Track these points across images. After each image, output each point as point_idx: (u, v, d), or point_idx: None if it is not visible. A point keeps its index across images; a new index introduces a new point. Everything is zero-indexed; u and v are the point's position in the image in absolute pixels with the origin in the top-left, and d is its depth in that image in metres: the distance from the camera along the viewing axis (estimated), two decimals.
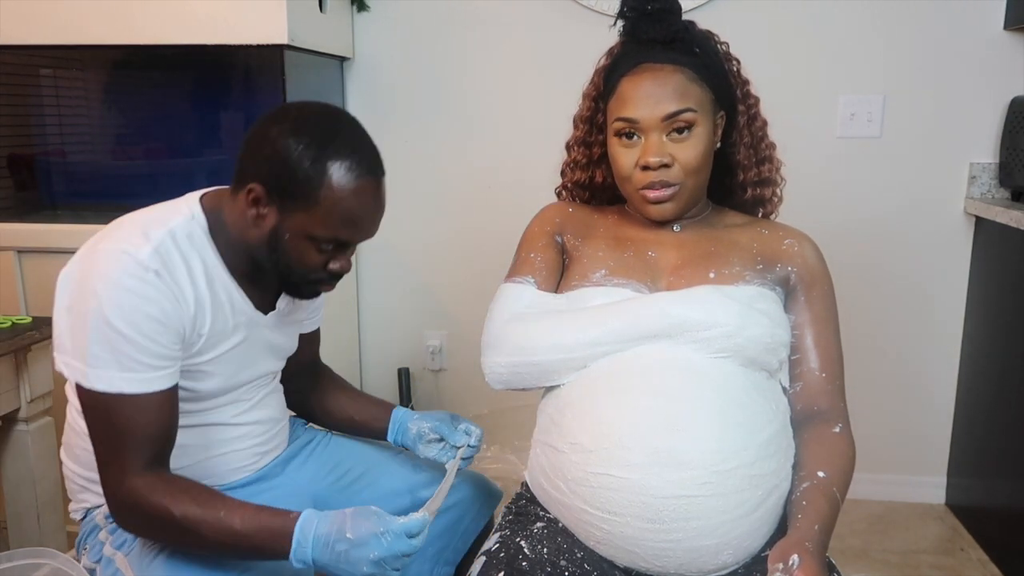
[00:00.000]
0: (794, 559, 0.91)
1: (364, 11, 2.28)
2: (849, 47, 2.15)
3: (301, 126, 1.04)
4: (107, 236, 1.06)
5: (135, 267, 1.00)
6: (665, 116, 1.11)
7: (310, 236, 1.06)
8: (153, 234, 1.04)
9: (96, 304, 0.99)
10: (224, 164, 2.15)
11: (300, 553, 0.99)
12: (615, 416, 1.03)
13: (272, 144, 1.03)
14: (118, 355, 1.00)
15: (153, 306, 1.01)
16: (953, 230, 2.21)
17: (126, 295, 0.99)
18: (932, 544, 2.13)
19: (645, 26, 1.14)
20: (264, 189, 1.04)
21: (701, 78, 1.14)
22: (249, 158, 1.07)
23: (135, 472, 1.02)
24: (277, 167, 1.03)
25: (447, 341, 2.45)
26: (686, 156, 1.12)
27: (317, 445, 1.37)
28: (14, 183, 2.16)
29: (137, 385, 1.01)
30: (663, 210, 1.15)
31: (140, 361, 1.01)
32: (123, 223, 1.08)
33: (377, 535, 0.98)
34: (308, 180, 1.02)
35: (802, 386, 1.14)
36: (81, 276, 1.02)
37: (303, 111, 1.07)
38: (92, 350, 1.00)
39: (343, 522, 0.99)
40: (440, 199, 2.37)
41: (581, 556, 1.03)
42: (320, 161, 1.02)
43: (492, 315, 1.18)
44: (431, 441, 1.29)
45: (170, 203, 1.13)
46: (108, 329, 0.99)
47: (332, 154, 1.03)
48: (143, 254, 1.01)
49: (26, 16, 1.87)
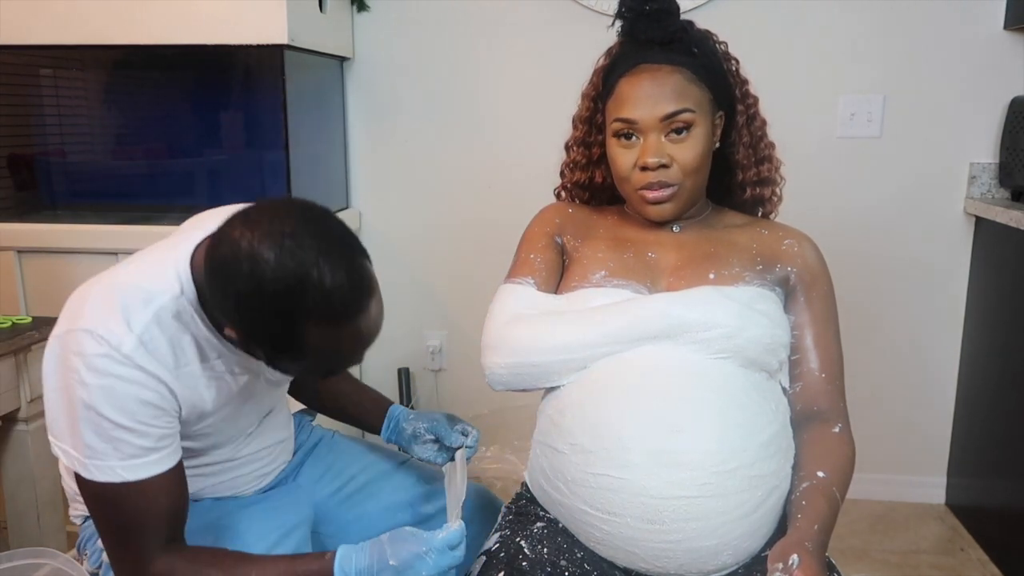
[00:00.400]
0: (794, 559, 0.91)
1: (364, 11, 2.28)
2: (849, 47, 2.15)
3: (260, 280, 0.87)
4: (86, 311, 0.96)
5: (120, 359, 0.93)
6: (663, 116, 1.11)
7: (304, 371, 1.04)
8: (136, 320, 0.95)
9: (86, 394, 0.93)
10: (224, 164, 2.16)
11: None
12: (615, 417, 1.03)
13: (234, 304, 0.91)
14: (116, 444, 0.94)
15: (146, 391, 0.95)
16: (953, 230, 2.21)
17: (117, 383, 0.93)
18: (932, 544, 2.13)
19: (643, 26, 1.14)
20: (241, 337, 0.95)
21: (699, 78, 1.14)
22: (214, 301, 0.96)
23: (152, 558, 0.97)
24: (248, 327, 0.93)
25: (447, 341, 2.45)
26: (684, 156, 1.12)
27: (322, 449, 1.36)
28: (14, 183, 2.16)
29: (141, 471, 0.96)
30: (662, 210, 1.15)
31: (140, 446, 0.96)
32: (102, 292, 0.98)
33: (420, 555, 0.97)
34: (287, 341, 0.92)
35: (802, 386, 1.14)
36: (65, 358, 0.95)
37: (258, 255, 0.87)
38: (88, 441, 0.94)
39: (382, 550, 0.98)
40: (440, 199, 2.37)
41: (581, 556, 1.03)
42: (294, 324, 0.90)
43: (492, 316, 1.18)
44: (426, 442, 1.27)
45: (156, 261, 1.02)
46: (101, 420, 0.93)
47: (306, 313, 0.89)
48: (127, 347, 0.93)
49: (26, 16, 1.87)
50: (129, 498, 0.96)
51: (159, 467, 0.98)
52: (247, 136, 2.15)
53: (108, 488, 0.96)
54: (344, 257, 0.91)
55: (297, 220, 0.91)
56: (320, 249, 0.89)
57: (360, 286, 0.92)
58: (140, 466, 0.96)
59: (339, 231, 0.94)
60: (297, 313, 0.89)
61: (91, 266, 1.92)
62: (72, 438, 0.96)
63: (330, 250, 0.90)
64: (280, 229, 0.89)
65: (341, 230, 0.95)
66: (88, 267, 1.93)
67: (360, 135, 2.36)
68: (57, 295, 1.92)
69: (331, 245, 0.91)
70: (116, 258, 1.91)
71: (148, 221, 2.00)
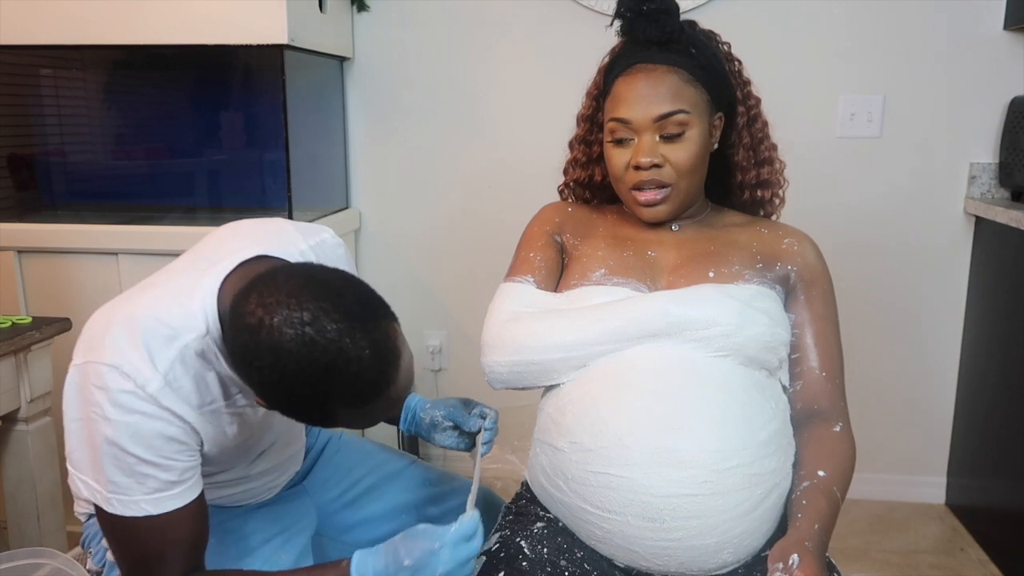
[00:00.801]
0: (794, 558, 0.91)
1: (364, 11, 2.28)
2: (849, 47, 2.15)
3: (284, 373, 0.85)
4: (107, 344, 0.93)
5: (145, 397, 0.91)
6: (657, 117, 1.11)
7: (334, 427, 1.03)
8: (160, 359, 0.92)
9: (110, 431, 0.91)
10: (224, 164, 2.16)
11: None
12: (615, 415, 1.03)
13: (259, 389, 0.90)
14: (140, 479, 0.93)
15: (171, 428, 0.94)
16: (953, 230, 2.21)
17: (141, 420, 0.92)
18: (932, 544, 2.13)
19: (641, 26, 1.14)
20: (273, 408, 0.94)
21: (697, 79, 1.13)
22: (244, 378, 0.93)
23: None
24: (276, 406, 0.92)
25: (447, 341, 2.45)
26: (678, 157, 1.12)
27: (329, 451, 1.35)
28: (14, 183, 2.16)
29: (164, 504, 0.95)
30: (655, 212, 1.16)
31: (164, 480, 0.95)
32: (124, 324, 0.94)
33: (434, 552, 0.95)
34: (317, 419, 0.93)
35: (802, 385, 1.14)
36: (85, 389, 0.93)
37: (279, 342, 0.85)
38: (111, 476, 0.93)
39: (396, 551, 0.96)
40: (440, 199, 2.37)
41: (581, 556, 1.03)
42: (323, 409, 0.90)
43: (491, 314, 1.18)
44: (445, 429, 1.26)
45: (181, 291, 0.97)
46: (125, 455, 0.92)
47: (335, 400, 0.88)
48: (153, 386, 0.91)
49: (26, 16, 1.87)
50: (151, 531, 0.95)
51: (182, 500, 0.97)
52: (247, 136, 2.15)
53: (130, 521, 0.95)
54: (368, 332, 0.87)
55: (315, 301, 0.86)
56: (342, 332, 0.85)
57: (386, 359, 0.89)
58: (164, 499, 0.95)
59: (360, 301, 0.90)
60: (326, 400, 0.88)
61: (91, 266, 1.93)
62: (94, 472, 0.94)
63: (353, 330, 0.86)
64: (299, 317, 0.85)
65: (362, 298, 0.90)
66: (88, 267, 1.94)
67: (360, 135, 2.36)
68: (57, 295, 1.94)
69: (353, 324, 0.86)
70: (116, 258, 1.92)
71: (148, 221, 2.00)
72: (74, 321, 1.62)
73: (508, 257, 1.27)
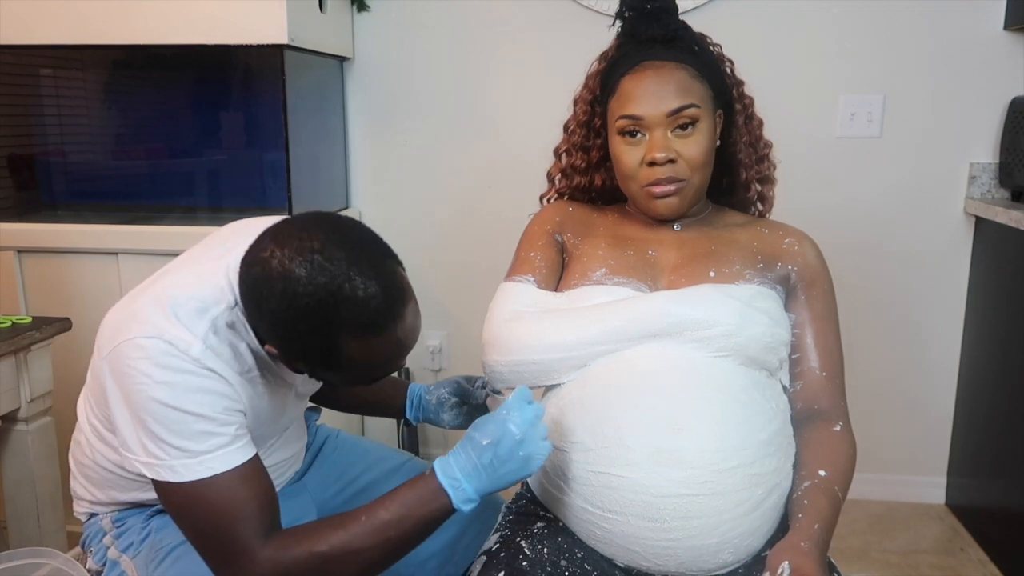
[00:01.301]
0: (784, 567, 0.91)
1: (364, 11, 2.28)
2: (849, 47, 2.15)
3: (295, 302, 0.89)
4: (138, 321, 0.96)
5: (190, 360, 0.94)
6: (669, 112, 1.11)
7: (348, 381, 1.03)
8: (196, 328, 0.95)
9: (161, 393, 0.93)
10: (224, 164, 2.16)
11: (460, 495, 0.96)
12: (615, 415, 1.03)
13: (270, 321, 0.93)
14: (198, 438, 0.94)
15: (219, 385, 0.96)
16: (953, 230, 2.21)
17: (191, 378, 0.94)
18: (932, 544, 2.13)
19: (644, 25, 1.15)
20: (281, 352, 0.97)
21: (702, 75, 1.14)
22: (250, 318, 0.98)
23: (259, 547, 0.95)
24: (287, 344, 0.95)
25: (447, 341, 2.45)
26: (690, 152, 1.12)
27: (327, 449, 1.36)
28: (14, 183, 2.16)
29: (229, 459, 0.96)
30: (668, 204, 1.15)
31: (225, 435, 0.96)
32: (152, 303, 0.98)
33: (503, 420, 0.95)
34: (325, 355, 0.94)
35: (802, 385, 1.14)
36: (125, 369, 0.94)
37: (291, 274, 0.89)
38: (170, 441, 0.94)
39: (471, 439, 0.97)
40: (440, 199, 2.37)
41: (581, 555, 1.03)
42: (330, 338, 0.91)
43: (492, 314, 1.18)
44: (453, 406, 1.26)
45: (204, 272, 1.02)
46: (180, 415, 0.93)
47: (341, 327, 0.90)
48: (195, 350, 0.94)
49: (26, 16, 1.87)
50: (222, 490, 0.95)
51: (243, 455, 0.97)
52: (247, 136, 2.15)
53: (200, 485, 0.95)
54: (375, 266, 0.91)
55: (326, 234, 0.91)
56: (350, 260, 0.90)
57: (393, 294, 0.92)
58: (227, 455, 0.96)
59: (369, 241, 0.95)
60: (333, 327, 0.90)
61: (91, 266, 1.93)
62: (153, 444, 0.94)
63: (360, 261, 0.90)
64: (309, 245, 0.90)
65: (371, 239, 0.95)
66: (88, 267, 1.94)
67: (360, 135, 2.36)
68: (57, 295, 1.94)
69: (361, 256, 0.91)
70: (116, 258, 1.92)
71: (148, 221, 2.00)
72: (74, 321, 1.62)
73: (508, 257, 1.27)
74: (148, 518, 1.16)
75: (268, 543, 0.95)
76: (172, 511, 0.99)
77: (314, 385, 1.22)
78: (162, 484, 0.96)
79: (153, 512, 1.16)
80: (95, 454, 1.12)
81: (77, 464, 1.18)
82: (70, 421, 1.22)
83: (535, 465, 0.97)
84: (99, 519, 1.18)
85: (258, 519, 0.96)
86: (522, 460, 0.96)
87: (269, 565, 0.94)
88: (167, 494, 0.97)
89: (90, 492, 1.17)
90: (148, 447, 0.95)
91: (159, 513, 1.16)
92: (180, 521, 1.00)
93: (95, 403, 1.08)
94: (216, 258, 1.03)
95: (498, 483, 0.97)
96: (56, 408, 1.62)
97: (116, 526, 1.16)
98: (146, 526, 1.15)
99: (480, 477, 0.96)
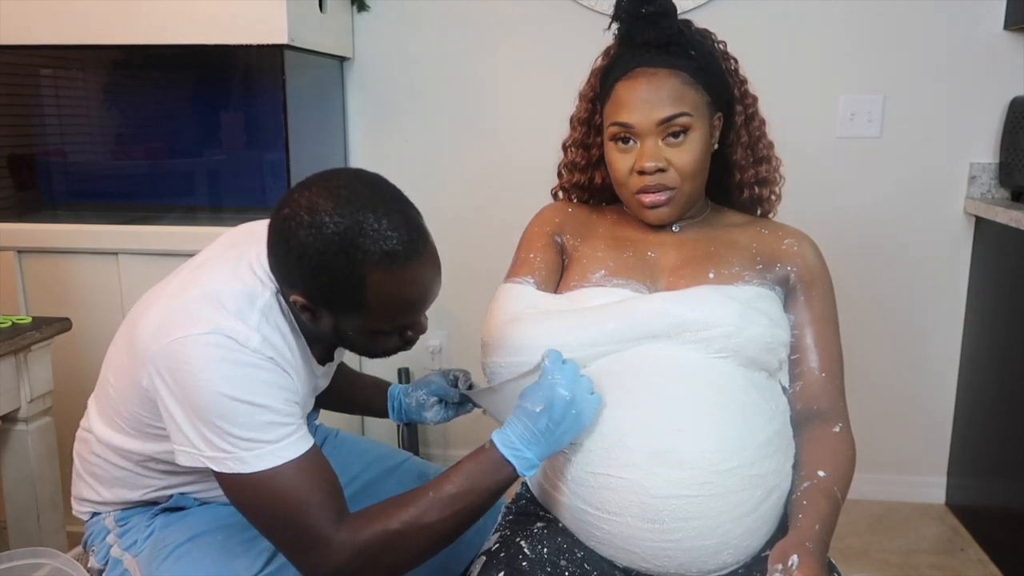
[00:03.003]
0: (793, 559, 0.91)
1: (364, 11, 2.28)
2: (849, 47, 2.15)
3: (321, 232, 0.93)
4: (190, 318, 0.97)
5: (250, 353, 0.96)
6: (660, 121, 1.11)
7: (373, 331, 1.03)
8: (250, 318, 0.98)
9: (227, 387, 0.94)
10: (224, 164, 2.16)
11: (523, 463, 0.99)
12: (615, 416, 1.03)
13: (298, 258, 0.95)
14: (265, 429, 0.95)
15: (280, 377, 0.98)
16: (953, 230, 2.21)
17: (253, 371, 0.95)
18: (932, 544, 2.13)
19: (640, 29, 1.13)
20: (308, 300, 0.98)
21: (697, 81, 1.13)
22: (281, 266, 0.99)
23: (333, 532, 0.96)
24: (313, 283, 0.96)
25: (447, 341, 2.45)
26: (681, 160, 1.12)
27: (327, 449, 1.36)
28: (14, 183, 2.16)
29: (296, 447, 0.98)
30: (659, 214, 1.15)
31: (288, 424, 0.98)
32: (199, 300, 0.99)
33: (551, 386, 0.98)
34: (350, 291, 0.96)
35: (802, 386, 1.14)
36: (182, 366, 0.95)
37: (316, 206, 0.94)
38: (237, 434, 0.95)
39: (523, 408, 0.99)
40: (440, 199, 2.36)
41: (581, 556, 1.03)
42: (355, 269, 0.94)
43: (492, 315, 1.18)
44: (433, 405, 1.29)
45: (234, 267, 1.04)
46: (248, 408, 0.95)
47: (365, 259, 0.93)
48: (254, 342, 0.96)
49: (26, 16, 1.87)
50: (290, 480, 0.96)
51: (307, 443, 0.99)
52: (247, 136, 2.15)
53: (270, 475, 0.96)
54: (398, 203, 0.98)
55: (350, 176, 0.98)
56: (375, 196, 0.96)
57: (415, 229, 0.97)
58: (294, 443, 0.97)
59: (391, 187, 1.01)
60: (357, 256, 0.93)
61: (91, 266, 1.93)
62: (219, 439, 0.95)
63: (384, 197, 0.97)
64: (335, 183, 0.96)
65: (393, 187, 1.01)
66: (88, 267, 1.94)
67: (360, 135, 2.36)
68: (57, 295, 1.94)
69: (384, 193, 0.98)
70: (116, 258, 1.92)
71: (148, 221, 2.00)
72: (74, 321, 1.62)
73: (508, 257, 1.27)
74: (152, 516, 1.16)
75: (341, 528, 0.97)
76: (242, 505, 1.00)
77: (327, 379, 1.23)
78: (230, 477, 0.97)
79: (158, 511, 1.16)
80: (106, 451, 1.12)
81: (82, 461, 1.18)
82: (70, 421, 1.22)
83: (587, 419, 1.01)
84: (102, 518, 1.18)
85: (328, 506, 0.98)
86: (575, 417, 0.99)
87: (345, 548, 0.96)
88: (236, 487, 0.98)
89: (95, 491, 1.17)
90: (214, 442, 0.96)
91: (164, 512, 1.16)
92: (251, 515, 1.01)
93: (124, 402, 1.07)
94: (240, 254, 1.05)
95: (557, 444, 1.00)
96: (56, 408, 1.62)
97: (119, 525, 1.16)
98: (150, 524, 1.15)
99: (539, 442, 0.99)
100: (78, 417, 1.20)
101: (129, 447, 1.10)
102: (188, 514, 1.15)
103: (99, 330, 1.86)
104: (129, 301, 1.69)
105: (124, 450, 1.10)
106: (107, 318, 1.89)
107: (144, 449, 1.09)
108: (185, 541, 1.10)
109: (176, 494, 1.15)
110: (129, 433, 1.09)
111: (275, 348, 0.99)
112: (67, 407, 1.72)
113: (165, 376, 0.96)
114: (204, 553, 1.09)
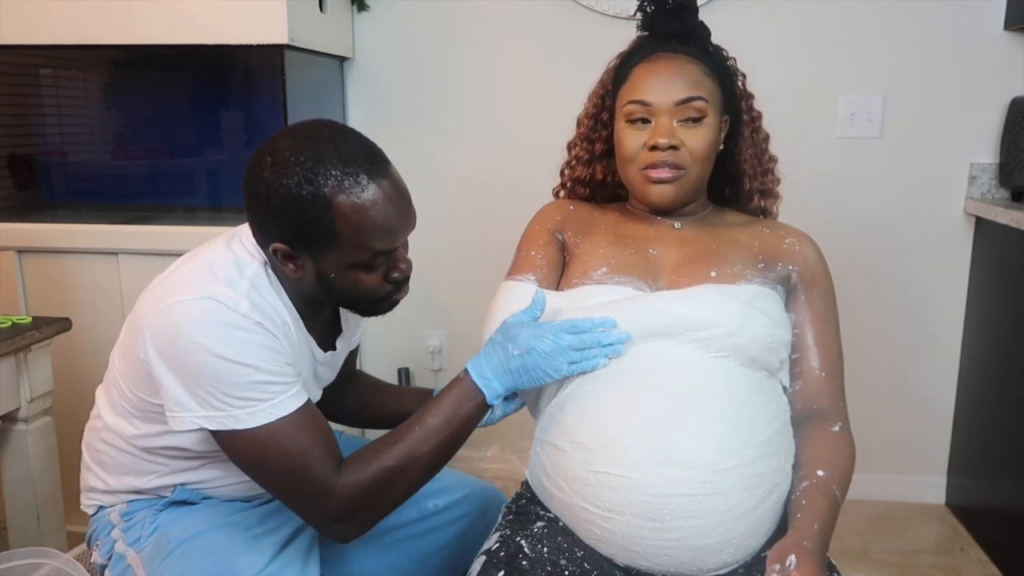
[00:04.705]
0: (791, 559, 0.91)
1: (364, 11, 2.28)
2: (849, 47, 2.15)
3: (284, 168, 0.97)
4: (181, 287, 1.01)
5: (240, 317, 0.99)
6: (679, 101, 1.12)
7: (353, 265, 1.04)
8: (239, 286, 1.02)
9: (220, 348, 0.97)
10: (224, 164, 2.16)
11: (491, 391, 1.05)
12: (616, 414, 1.03)
13: (266, 199, 0.99)
14: (259, 388, 0.99)
15: (271, 340, 1.01)
16: (953, 230, 2.21)
17: (244, 334, 0.99)
18: (932, 544, 2.13)
19: (662, 21, 1.18)
20: (286, 244, 1.01)
21: (713, 74, 1.16)
22: (256, 216, 1.03)
23: (335, 479, 1.02)
24: (284, 221, 0.99)
25: (447, 341, 2.45)
26: (694, 143, 1.13)
27: None
28: (14, 183, 2.16)
29: (290, 403, 1.02)
30: (663, 191, 1.16)
31: (281, 383, 1.01)
32: (193, 271, 1.04)
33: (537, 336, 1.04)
34: (319, 221, 0.98)
35: (802, 385, 1.14)
36: (174, 330, 0.98)
37: (277, 147, 1.00)
38: (233, 393, 0.98)
39: (502, 347, 1.05)
40: (440, 198, 2.37)
41: (581, 555, 1.03)
42: (319, 197, 0.97)
43: (492, 313, 1.18)
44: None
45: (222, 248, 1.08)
46: (241, 368, 0.98)
47: (327, 184, 0.97)
48: (243, 307, 1.00)
49: (26, 16, 1.87)
50: (289, 434, 1.01)
51: (301, 398, 1.03)
52: (247, 136, 2.15)
53: (266, 433, 1.00)
54: (356, 135, 1.03)
55: (312, 121, 1.03)
56: (334, 132, 1.01)
57: (375, 155, 1.02)
58: (288, 400, 1.01)
59: (352, 129, 1.05)
60: (319, 180, 0.96)
61: (91, 266, 1.93)
62: (214, 399, 0.99)
63: (344, 132, 1.02)
64: (296, 129, 1.02)
65: (354, 130, 1.04)
66: (88, 267, 1.94)
67: None
68: (57, 295, 1.94)
69: (343, 130, 1.03)
70: (116, 258, 1.92)
71: (148, 221, 2.00)
72: (74, 321, 1.62)
73: (509, 256, 1.27)
74: (157, 512, 1.16)
75: (341, 473, 1.02)
76: (244, 463, 1.04)
77: (332, 372, 1.24)
78: (228, 435, 1.00)
79: (163, 506, 1.17)
80: (112, 437, 1.14)
81: (90, 450, 1.20)
82: (70, 421, 1.22)
83: (557, 376, 1.05)
84: (107, 512, 1.19)
85: (327, 455, 1.03)
86: (543, 373, 1.04)
87: (348, 490, 1.01)
88: (236, 445, 1.02)
89: (102, 480, 1.18)
90: (208, 401, 0.99)
91: (169, 507, 1.17)
92: (254, 472, 1.04)
93: (128, 384, 1.09)
94: (232, 234, 1.11)
95: (522, 386, 1.06)
96: (56, 408, 1.62)
97: (124, 519, 1.17)
98: (154, 520, 1.15)
99: (507, 379, 1.06)
100: (78, 417, 1.20)
101: (133, 431, 1.12)
102: (192, 511, 1.16)
103: (99, 330, 1.87)
104: (129, 301, 1.69)
105: (129, 435, 1.12)
106: (107, 318, 1.89)
107: (148, 431, 1.11)
108: (188, 538, 1.10)
109: (179, 486, 1.16)
110: (134, 415, 1.11)
111: (264, 313, 1.02)
112: (67, 407, 1.72)
113: (158, 342, 0.99)
114: (207, 550, 1.10)
